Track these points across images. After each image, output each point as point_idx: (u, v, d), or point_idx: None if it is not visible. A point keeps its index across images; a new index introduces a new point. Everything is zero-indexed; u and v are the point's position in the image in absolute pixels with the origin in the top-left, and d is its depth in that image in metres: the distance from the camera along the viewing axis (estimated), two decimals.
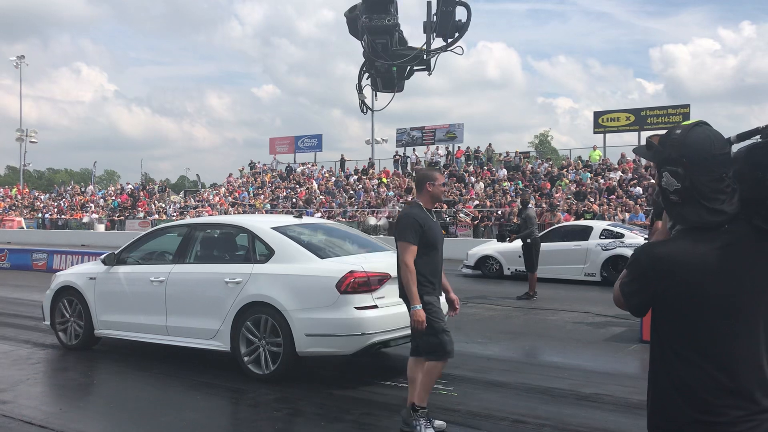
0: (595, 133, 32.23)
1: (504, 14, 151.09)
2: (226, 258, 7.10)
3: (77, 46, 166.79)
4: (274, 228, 6.69)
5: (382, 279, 6.09)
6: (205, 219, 9.82)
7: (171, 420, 5.31)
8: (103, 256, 7.69)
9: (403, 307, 6.38)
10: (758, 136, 1.84)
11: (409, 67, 6.42)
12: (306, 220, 7.91)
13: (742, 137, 1.87)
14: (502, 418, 5.15)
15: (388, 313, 6.07)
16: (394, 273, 6.24)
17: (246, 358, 6.28)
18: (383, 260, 6.51)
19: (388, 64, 6.15)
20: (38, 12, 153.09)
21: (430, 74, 6.45)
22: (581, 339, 8.44)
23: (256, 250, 6.62)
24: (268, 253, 6.48)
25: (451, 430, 4.91)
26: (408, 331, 6.35)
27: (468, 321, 9.81)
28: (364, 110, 6.86)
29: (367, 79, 6.56)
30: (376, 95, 6.94)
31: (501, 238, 13.23)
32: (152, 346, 7.07)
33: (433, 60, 6.29)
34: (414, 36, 6.44)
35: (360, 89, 6.61)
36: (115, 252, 7.62)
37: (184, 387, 6.28)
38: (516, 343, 8.12)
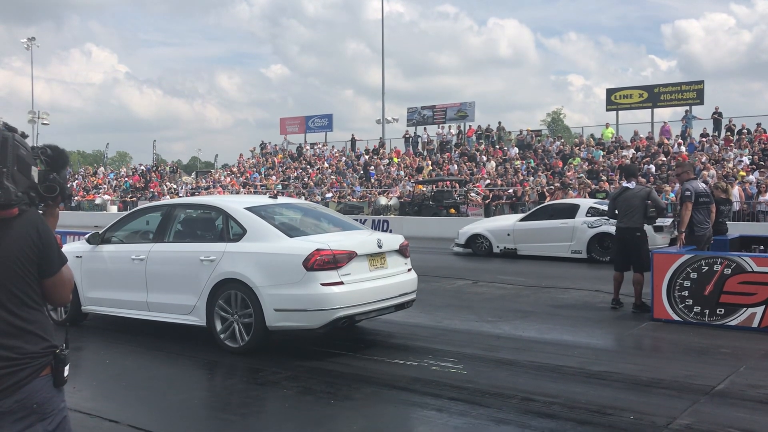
0: (607, 110, 31.91)
1: None
2: (202, 237, 7.31)
3: (87, 27, 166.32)
4: (247, 208, 6.94)
5: (349, 256, 6.31)
6: (184, 199, 10.12)
7: (183, 399, 5.38)
8: (87, 236, 7.89)
9: (369, 283, 6.54)
10: None
11: None
12: (281, 200, 8.19)
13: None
14: (511, 395, 5.16)
15: (353, 288, 6.30)
16: (360, 251, 6.45)
17: (221, 333, 6.56)
18: (351, 238, 6.77)
19: None
20: None
21: None
22: (591, 317, 8.43)
23: (230, 230, 6.87)
24: (241, 232, 6.73)
25: (460, 408, 4.93)
26: (374, 306, 6.49)
27: (478, 299, 9.83)
28: None
29: None
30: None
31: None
32: (166, 325, 7.16)
33: None
34: None
35: None
36: (100, 231, 7.84)
37: (196, 366, 6.36)
38: (526, 322, 8.12)
